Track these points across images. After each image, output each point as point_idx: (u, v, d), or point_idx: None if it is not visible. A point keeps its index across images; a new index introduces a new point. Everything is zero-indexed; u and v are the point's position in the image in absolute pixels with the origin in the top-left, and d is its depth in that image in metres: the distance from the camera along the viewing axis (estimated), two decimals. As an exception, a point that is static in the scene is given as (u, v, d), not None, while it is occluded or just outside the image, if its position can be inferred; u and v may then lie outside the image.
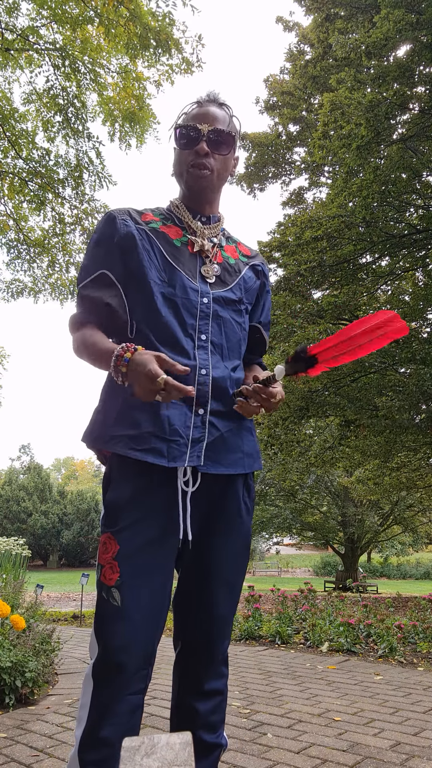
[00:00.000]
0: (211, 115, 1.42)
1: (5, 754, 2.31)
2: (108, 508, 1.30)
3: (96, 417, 1.36)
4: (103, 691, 1.20)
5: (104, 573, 1.24)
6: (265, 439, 11.76)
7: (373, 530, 21.12)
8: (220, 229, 1.50)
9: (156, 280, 1.35)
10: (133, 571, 1.23)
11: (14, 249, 7.57)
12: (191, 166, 1.41)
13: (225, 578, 1.37)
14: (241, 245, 1.57)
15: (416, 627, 5.35)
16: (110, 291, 1.37)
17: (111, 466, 1.34)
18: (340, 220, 9.21)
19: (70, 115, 6.71)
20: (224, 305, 1.41)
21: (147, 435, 1.26)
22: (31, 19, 6.38)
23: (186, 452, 1.29)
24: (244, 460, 1.39)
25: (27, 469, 40.21)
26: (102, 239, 1.39)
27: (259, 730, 2.64)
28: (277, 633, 5.32)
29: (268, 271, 1.61)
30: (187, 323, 1.35)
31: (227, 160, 1.46)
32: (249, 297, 1.51)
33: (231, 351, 1.42)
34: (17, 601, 4.36)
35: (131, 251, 1.36)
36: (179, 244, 1.42)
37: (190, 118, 1.44)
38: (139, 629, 1.22)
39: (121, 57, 6.62)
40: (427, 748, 2.41)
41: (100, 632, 1.23)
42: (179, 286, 1.36)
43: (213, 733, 1.36)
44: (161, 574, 1.27)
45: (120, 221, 1.39)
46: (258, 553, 40.30)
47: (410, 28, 7.62)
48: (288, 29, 12.96)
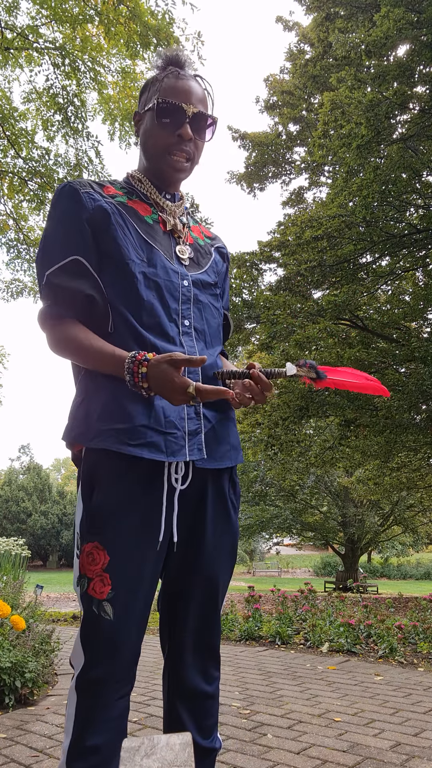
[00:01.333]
0: (193, 92, 1.30)
1: (5, 755, 2.30)
2: (92, 513, 1.17)
3: (77, 411, 1.23)
4: (90, 700, 1.15)
5: (93, 586, 1.15)
6: (265, 439, 11.76)
7: (373, 530, 21.12)
8: (184, 207, 1.41)
9: (135, 260, 1.23)
10: (125, 582, 1.15)
11: (14, 248, 7.57)
12: (170, 150, 1.30)
13: (214, 578, 1.30)
14: (202, 227, 1.49)
15: (417, 627, 5.34)
16: (87, 281, 1.22)
17: (94, 465, 1.20)
18: (340, 219, 9.20)
19: (70, 114, 6.70)
20: (202, 289, 1.33)
21: (141, 428, 1.16)
22: (31, 18, 6.38)
23: (184, 445, 1.20)
24: (230, 453, 1.31)
25: (26, 470, 40.20)
26: (66, 217, 1.24)
27: (259, 731, 2.63)
28: (278, 633, 5.31)
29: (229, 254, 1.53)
30: (171, 307, 1.26)
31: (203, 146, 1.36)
32: (220, 281, 1.43)
33: (213, 337, 1.34)
34: (17, 602, 4.35)
35: (104, 228, 1.23)
36: (151, 222, 1.31)
37: (170, 90, 1.29)
38: (131, 638, 1.17)
39: (121, 56, 6.62)
40: (427, 748, 2.40)
41: (89, 645, 1.16)
42: (160, 266, 1.26)
43: (207, 738, 1.31)
44: (152, 580, 1.21)
45: (84, 194, 1.25)
46: (258, 554, 40.29)
47: (410, 27, 7.61)
48: (288, 29, 12.96)
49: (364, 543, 21.83)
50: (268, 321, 9.47)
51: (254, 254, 10.93)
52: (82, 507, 1.21)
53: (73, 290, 1.22)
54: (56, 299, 1.24)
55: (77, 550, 1.19)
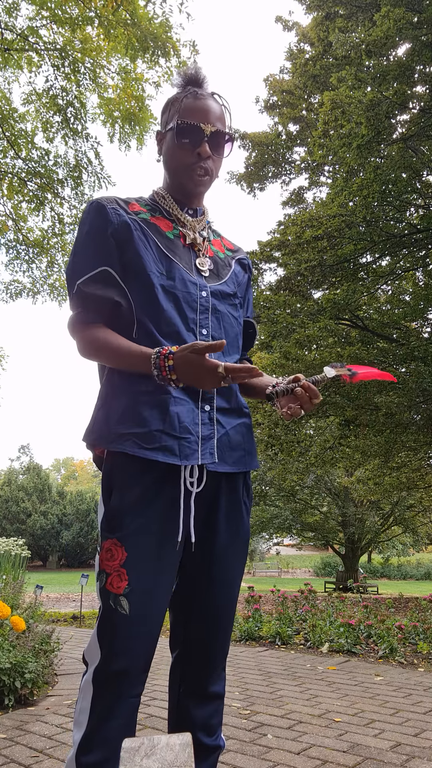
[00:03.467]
0: (211, 112, 1.38)
1: (5, 755, 2.30)
2: (111, 512, 1.25)
3: (98, 415, 1.31)
4: (105, 696, 1.19)
5: (111, 581, 1.20)
6: (265, 439, 11.75)
7: (373, 531, 21.11)
8: (206, 222, 1.48)
9: (155, 272, 1.31)
10: (141, 578, 1.20)
11: (13, 249, 7.58)
12: (191, 168, 1.37)
13: (227, 579, 1.34)
14: (225, 239, 1.56)
15: (417, 628, 5.34)
16: (116, 289, 1.31)
17: (113, 467, 1.28)
18: (340, 219, 9.20)
19: (70, 116, 6.71)
20: (221, 299, 1.40)
21: (156, 433, 1.23)
22: (30, 20, 6.38)
23: (197, 450, 1.26)
24: (245, 458, 1.37)
25: (26, 470, 40.21)
26: (94, 231, 1.32)
27: (260, 731, 2.63)
28: (278, 634, 5.31)
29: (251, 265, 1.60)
30: (189, 317, 1.32)
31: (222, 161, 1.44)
32: (241, 291, 1.49)
33: (230, 346, 1.40)
34: (17, 602, 4.35)
35: (127, 242, 1.31)
36: (172, 237, 1.39)
37: (189, 111, 1.38)
38: (146, 635, 1.21)
39: (121, 58, 6.62)
40: (427, 749, 2.40)
41: (105, 639, 1.21)
42: (178, 278, 1.33)
43: (212, 736, 1.36)
44: (167, 579, 1.25)
45: (110, 209, 1.33)
46: (258, 554, 40.28)
47: (410, 26, 7.62)
48: (287, 29, 12.96)
49: (364, 543, 21.82)
50: (268, 320, 9.47)
51: (254, 254, 10.92)
52: (102, 507, 1.29)
53: (102, 298, 1.31)
54: (86, 307, 1.33)
55: (98, 547, 1.25)
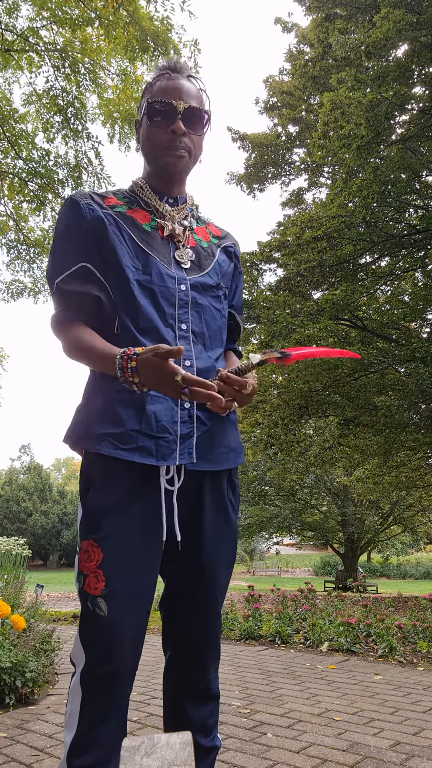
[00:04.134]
0: (184, 89, 1.33)
1: (5, 754, 2.31)
2: (89, 513, 1.23)
3: (78, 416, 1.29)
4: (93, 697, 1.18)
5: (88, 582, 1.19)
6: (265, 439, 11.76)
7: (372, 530, 21.12)
8: (188, 209, 1.42)
9: (130, 267, 1.27)
10: (118, 579, 1.18)
11: (14, 249, 7.59)
12: (166, 147, 1.32)
13: (214, 578, 1.31)
14: (211, 226, 1.49)
15: (416, 627, 5.35)
16: (95, 285, 1.28)
17: (91, 467, 1.26)
18: (340, 220, 9.21)
19: (70, 116, 6.72)
20: (202, 291, 1.34)
21: (133, 433, 1.20)
22: (30, 20, 6.39)
23: (176, 449, 1.22)
24: (229, 455, 1.33)
25: (27, 469, 40.19)
26: (69, 228, 1.29)
27: (259, 730, 2.65)
28: (277, 633, 5.32)
29: (239, 251, 1.53)
30: (167, 312, 1.28)
31: (201, 140, 1.37)
32: (225, 281, 1.43)
33: (213, 340, 1.35)
34: (17, 601, 4.36)
35: (102, 237, 1.28)
36: (149, 229, 1.34)
37: (161, 91, 1.33)
38: (127, 637, 1.19)
39: (120, 59, 6.63)
40: (426, 747, 2.41)
41: (87, 642, 1.19)
42: (155, 273, 1.29)
43: (208, 737, 1.34)
44: (147, 579, 1.23)
45: (84, 205, 1.30)
46: (258, 553, 40.29)
47: (410, 28, 7.63)
48: (287, 30, 12.97)
49: (364, 542, 21.83)
50: (268, 320, 9.48)
51: (254, 254, 10.93)
52: (81, 507, 1.27)
53: (81, 294, 1.29)
54: (67, 304, 1.31)
55: (78, 548, 1.24)
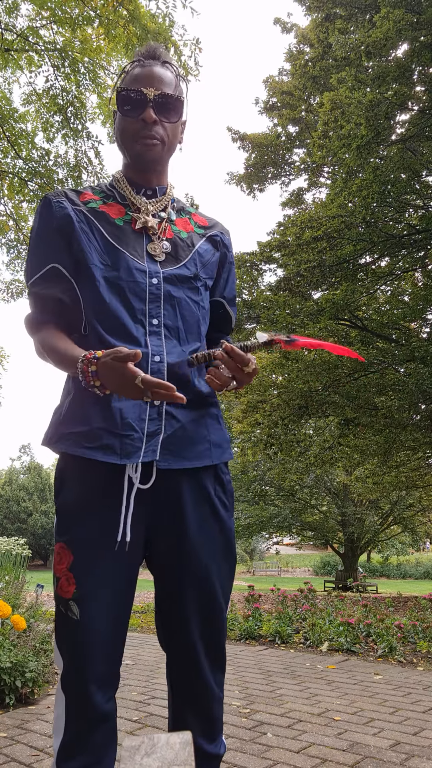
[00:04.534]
0: (156, 76, 1.29)
1: (5, 754, 2.31)
2: (59, 515, 1.21)
3: (53, 416, 1.28)
4: (74, 703, 1.16)
5: (60, 585, 1.17)
6: (265, 439, 11.77)
7: (372, 530, 21.12)
8: (169, 200, 1.38)
9: (98, 264, 1.25)
10: (90, 581, 1.16)
11: (14, 249, 7.58)
12: (138, 136, 1.28)
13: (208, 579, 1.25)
14: (197, 216, 1.45)
15: (416, 627, 5.35)
16: (62, 285, 1.27)
17: (61, 468, 1.25)
18: (340, 220, 9.21)
19: (70, 115, 6.71)
20: (178, 284, 1.30)
21: (98, 431, 1.17)
22: (30, 20, 6.39)
23: (141, 447, 1.19)
24: (210, 451, 1.27)
25: (27, 469, 40.19)
26: (42, 228, 1.29)
27: (259, 730, 2.65)
28: (277, 633, 5.32)
29: (229, 240, 1.47)
30: (136, 308, 1.24)
31: (176, 127, 1.33)
32: (207, 272, 1.38)
33: (189, 333, 1.30)
34: (18, 601, 4.36)
35: (70, 235, 1.26)
36: (121, 223, 1.31)
37: (132, 79, 1.30)
38: (102, 640, 1.16)
39: (120, 58, 6.63)
40: (426, 747, 2.41)
41: (62, 646, 1.18)
42: (123, 268, 1.25)
43: (213, 742, 1.29)
44: (121, 580, 1.19)
45: (55, 203, 1.28)
46: (258, 553, 40.30)
47: (410, 27, 7.63)
48: (286, 30, 12.97)
49: (364, 542, 21.84)
50: (268, 320, 9.48)
51: (254, 255, 10.93)
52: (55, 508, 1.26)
53: (48, 296, 1.28)
54: (38, 306, 1.30)
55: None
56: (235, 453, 15.39)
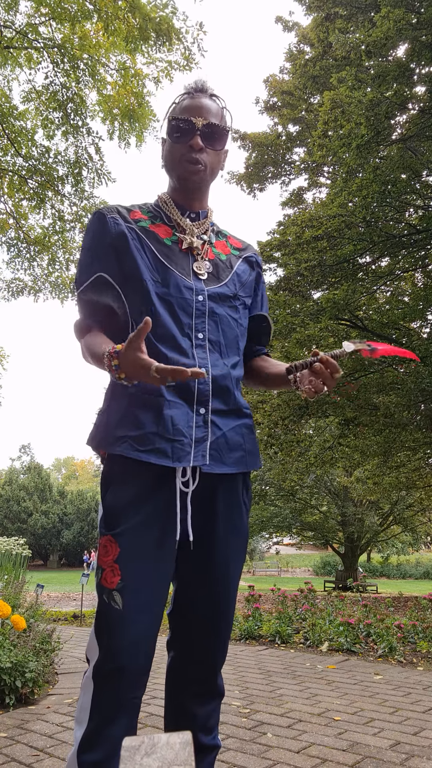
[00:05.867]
0: (204, 107, 1.40)
1: (6, 754, 2.31)
2: (108, 510, 1.28)
3: (100, 419, 1.35)
4: (104, 693, 1.19)
5: (105, 576, 1.23)
6: (265, 439, 11.76)
7: (372, 530, 21.12)
8: (209, 224, 1.49)
9: (149, 280, 1.34)
10: (134, 573, 1.22)
11: (14, 247, 7.58)
12: (184, 161, 1.39)
13: (227, 579, 1.35)
14: (232, 239, 1.55)
15: (416, 627, 5.35)
16: (109, 293, 1.36)
17: (111, 467, 1.32)
18: (340, 219, 9.20)
19: (69, 111, 6.70)
20: (219, 302, 1.40)
21: (151, 435, 1.25)
22: (29, 17, 6.38)
23: (190, 452, 1.28)
24: (246, 458, 1.38)
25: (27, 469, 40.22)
26: (95, 240, 1.38)
27: (259, 730, 2.64)
28: (277, 633, 5.31)
29: (261, 260, 1.59)
30: (184, 323, 1.34)
31: (219, 155, 1.44)
32: (245, 291, 1.49)
33: (229, 348, 1.40)
34: (18, 601, 4.35)
35: (124, 251, 1.35)
36: (170, 243, 1.41)
37: (182, 109, 1.41)
38: (141, 632, 1.21)
39: (119, 54, 6.62)
40: (426, 747, 2.40)
41: (101, 635, 1.22)
42: (173, 285, 1.35)
43: (209, 735, 1.37)
44: (162, 576, 1.26)
45: (110, 219, 1.38)
46: (258, 553, 40.29)
47: (410, 27, 7.61)
48: (287, 29, 12.95)
49: (364, 542, 21.84)
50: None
51: (254, 254, 10.91)
52: (101, 506, 1.33)
53: (97, 303, 1.37)
54: (85, 312, 1.39)
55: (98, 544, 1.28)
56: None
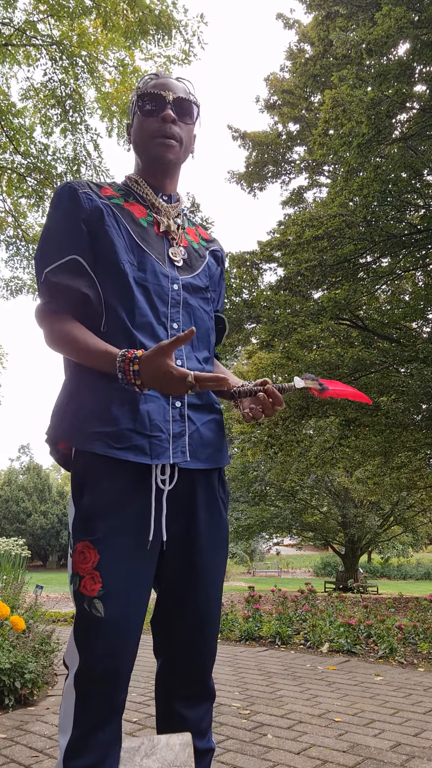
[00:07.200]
0: (172, 84, 1.36)
1: (5, 755, 2.29)
2: (83, 514, 1.21)
3: (66, 409, 1.25)
4: (86, 700, 1.16)
5: (84, 584, 1.17)
6: (265, 439, 11.75)
7: (373, 531, 21.11)
8: (181, 209, 1.42)
9: (126, 262, 1.26)
10: (116, 580, 1.17)
11: (13, 246, 7.57)
12: (157, 135, 1.32)
13: (211, 578, 1.30)
14: (200, 228, 1.50)
15: (417, 628, 5.33)
16: (85, 280, 1.25)
17: (85, 466, 1.23)
18: (340, 219, 9.19)
19: (68, 108, 6.70)
20: (193, 293, 1.35)
21: (127, 432, 1.19)
22: (27, 14, 6.37)
23: (168, 448, 1.22)
24: (219, 455, 1.34)
25: (26, 470, 40.20)
26: (66, 217, 1.27)
27: (260, 731, 2.62)
28: (278, 634, 5.30)
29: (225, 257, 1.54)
30: (160, 311, 1.28)
31: (191, 130, 1.39)
32: (213, 284, 1.44)
33: (200, 341, 1.36)
34: (17, 602, 4.34)
35: (98, 229, 1.26)
36: (145, 224, 1.33)
37: (152, 86, 1.36)
38: (123, 638, 1.17)
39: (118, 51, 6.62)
40: (427, 748, 2.39)
41: (82, 644, 1.17)
42: (150, 270, 1.28)
43: (203, 738, 1.32)
44: (144, 580, 1.22)
45: (83, 194, 1.28)
46: (258, 554, 40.27)
47: (411, 25, 7.60)
48: (288, 27, 12.95)
49: (364, 543, 21.82)
50: (268, 320, 9.46)
51: (254, 254, 10.91)
52: (74, 507, 1.24)
53: (70, 288, 1.25)
54: (54, 296, 1.27)
55: (70, 549, 1.22)
56: (235, 453, 15.39)
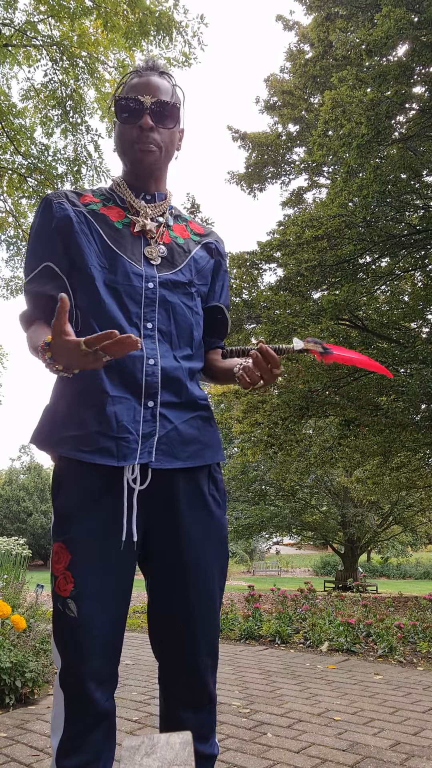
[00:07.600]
0: (153, 85, 1.33)
1: (5, 754, 2.30)
2: (58, 515, 1.23)
3: (45, 416, 1.29)
4: (73, 701, 1.17)
5: (58, 584, 1.19)
6: (265, 439, 11.75)
7: (372, 530, 21.11)
8: (167, 207, 1.41)
9: (96, 266, 1.27)
10: (88, 580, 1.17)
11: (14, 246, 7.58)
12: (135, 142, 1.32)
13: (203, 577, 1.27)
14: (193, 223, 1.48)
15: (416, 627, 5.34)
16: (54, 283, 1.29)
17: (60, 469, 1.26)
18: (340, 219, 9.20)
19: (68, 108, 6.71)
20: (172, 289, 1.32)
21: (94, 434, 1.20)
22: (28, 15, 6.38)
23: (137, 449, 1.22)
24: (204, 452, 1.31)
25: (27, 469, 40.16)
26: (41, 227, 1.31)
27: (259, 730, 2.64)
28: (277, 633, 5.31)
29: (224, 249, 1.50)
30: (131, 312, 1.27)
31: (173, 134, 1.37)
32: (201, 278, 1.41)
33: (181, 338, 1.33)
34: (18, 601, 4.35)
35: (68, 236, 1.28)
36: (120, 226, 1.33)
37: (130, 88, 1.34)
38: (100, 637, 1.17)
39: (118, 51, 6.63)
40: (426, 747, 2.40)
41: (60, 644, 1.19)
42: (121, 272, 1.28)
43: (206, 743, 1.30)
44: (118, 579, 1.21)
45: (56, 204, 1.31)
46: (258, 553, 40.28)
47: (411, 26, 7.61)
48: (288, 28, 12.95)
49: (364, 542, 21.82)
50: (268, 320, 9.47)
51: (254, 254, 10.91)
52: (52, 509, 1.28)
53: (40, 293, 1.32)
54: (29, 303, 1.35)
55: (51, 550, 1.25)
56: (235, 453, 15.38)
